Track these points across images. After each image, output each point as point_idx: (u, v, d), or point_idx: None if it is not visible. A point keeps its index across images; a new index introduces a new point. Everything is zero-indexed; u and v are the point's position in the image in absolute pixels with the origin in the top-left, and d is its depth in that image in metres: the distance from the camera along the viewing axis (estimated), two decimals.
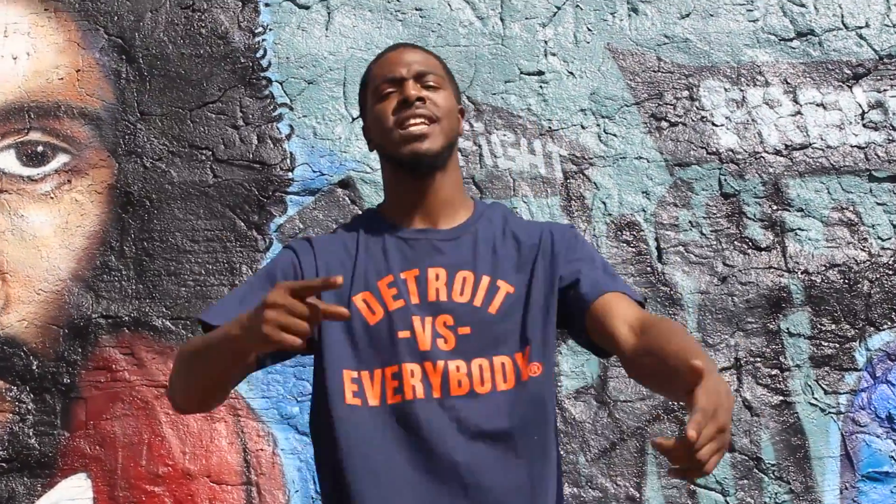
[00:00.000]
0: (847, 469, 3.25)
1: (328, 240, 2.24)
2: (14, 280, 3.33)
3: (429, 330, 2.08)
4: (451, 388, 2.04)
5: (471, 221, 2.21)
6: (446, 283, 2.13)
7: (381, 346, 2.07)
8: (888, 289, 3.34)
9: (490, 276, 2.14)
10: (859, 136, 3.40)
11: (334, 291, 2.06)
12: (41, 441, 3.24)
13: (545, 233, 2.22)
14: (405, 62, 2.19)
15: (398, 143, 2.12)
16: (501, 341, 2.10)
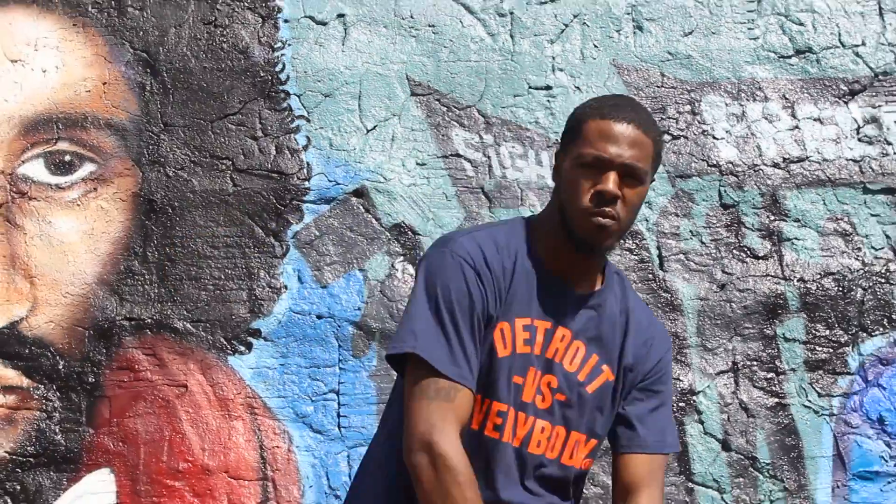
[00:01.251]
0: (839, 468, 3.30)
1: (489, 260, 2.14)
2: (42, 283, 3.38)
3: (536, 384, 2.12)
4: (530, 444, 2.10)
5: (603, 292, 2.21)
6: (565, 347, 2.15)
7: (501, 382, 2.10)
8: (880, 296, 3.38)
9: (598, 357, 2.17)
10: (854, 150, 3.44)
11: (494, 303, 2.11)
12: (67, 437, 3.31)
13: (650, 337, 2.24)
14: (622, 144, 2.08)
15: (582, 226, 2.09)
16: (585, 421, 2.16)
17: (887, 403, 3.35)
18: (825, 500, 3.30)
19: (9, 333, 3.36)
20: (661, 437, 2.21)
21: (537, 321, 2.14)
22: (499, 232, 2.24)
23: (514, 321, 2.12)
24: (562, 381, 2.14)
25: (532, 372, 2.12)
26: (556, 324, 2.15)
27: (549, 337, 2.13)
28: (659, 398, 2.24)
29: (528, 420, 2.11)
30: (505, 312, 2.13)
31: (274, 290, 3.38)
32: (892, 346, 3.38)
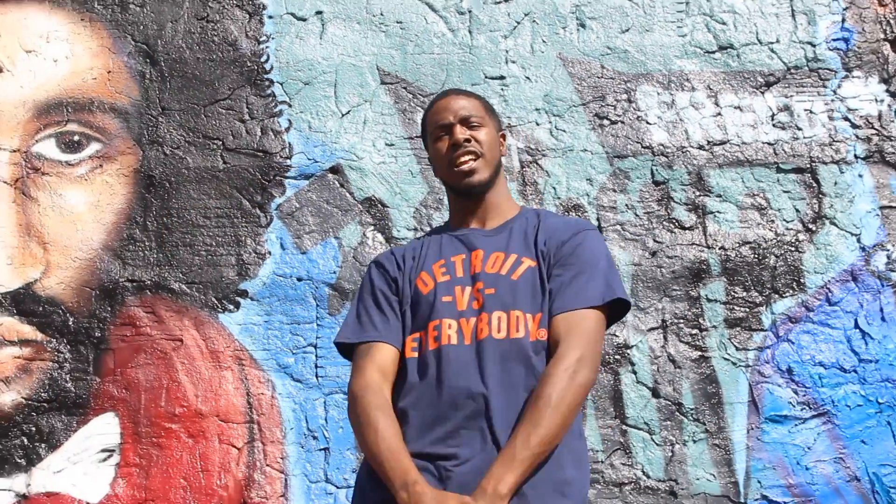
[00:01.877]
0: (753, 413, 3.35)
1: (404, 248, 2.42)
2: (54, 249, 3.43)
3: (467, 295, 2.25)
4: (478, 335, 2.19)
5: (511, 221, 2.38)
6: (482, 260, 2.29)
7: (427, 309, 2.25)
8: (791, 263, 3.44)
9: (517, 254, 2.30)
10: (769, 135, 3.50)
11: (407, 275, 2.34)
12: (76, 385, 3.36)
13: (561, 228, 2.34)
14: (452, 109, 2.37)
15: (455, 177, 2.35)
16: (520, 302, 2.23)
17: (795, 356, 3.40)
18: (741, 440, 3.34)
19: (24, 293, 3.39)
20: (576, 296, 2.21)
21: (453, 257, 2.31)
22: (421, 236, 2.51)
23: (430, 267, 2.31)
24: (488, 281, 2.24)
25: (459, 289, 2.25)
26: (469, 251, 2.31)
27: (467, 262, 2.29)
28: (574, 269, 2.25)
29: (469, 321, 2.21)
30: (420, 267, 2.33)
31: (259, 256, 3.43)
32: (800, 306, 3.42)
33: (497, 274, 2.27)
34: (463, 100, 2.40)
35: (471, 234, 2.37)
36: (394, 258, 2.40)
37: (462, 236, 2.37)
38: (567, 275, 2.26)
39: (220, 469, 3.33)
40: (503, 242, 2.34)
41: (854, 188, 3.48)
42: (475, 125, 2.36)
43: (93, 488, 3.33)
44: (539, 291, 2.26)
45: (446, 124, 2.36)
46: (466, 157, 2.32)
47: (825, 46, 3.55)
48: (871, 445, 3.36)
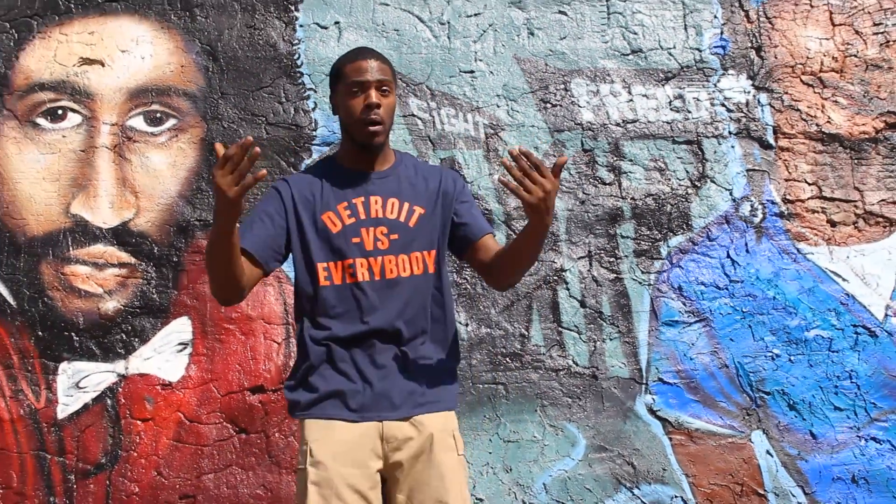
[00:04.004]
0: (653, 318, 3.39)
1: (300, 178, 2.27)
2: (143, 197, 3.42)
3: (371, 236, 2.19)
4: (385, 274, 2.17)
5: (395, 165, 2.28)
6: (382, 206, 2.22)
7: (341, 247, 2.16)
8: (682, 210, 3.45)
9: (409, 203, 2.24)
10: (667, 116, 3.49)
11: (308, 209, 2.19)
12: (160, 296, 3.36)
13: (444, 177, 2.30)
14: (371, 71, 2.18)
15: (361, 133, 2.19)
16: (417, 243, 2.21)
17: (684, 278, 3.41)
18: (644, 338, 3.37)
19: (122, 229, 3.38)
20: (483, 225, 2.30)
21: (354, 199, 2.20)
22: (312, 166, 2.35)
23: (335, 208, 2.20)
24: (390, 227, 2.19)
25: (364, 231, 2.18)
26: (367, 195, 2.21)
27: (366, 206, 2.20)
28: (469, 204, 2.30)
29: (377, 260, 2.16)
30: (325, 206, 2.20)
31: None
32: (688, 241, 3.43)
33: (396, 220, 2.20)
34: (379, 63, 2.21)
35: (365, 178, 2.24)
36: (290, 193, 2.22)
37: (359, 178, 2.24)
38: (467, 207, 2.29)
39: (265, 358, 3.33)
40: (395, 188, 2.24)
41: (728, 156, 3.47)
42: (385, 91, 2.19)
43: (172, 371, 3.35)
44: (431, 233, 2.23)
45: (364, 82, 2.17)
46: (375, 122, 2.16)
47: (708, 51, 3.53)
48: (736, 342, 3.38)
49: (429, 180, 2.28)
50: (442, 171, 2.34)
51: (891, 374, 3.35)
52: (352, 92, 2.18)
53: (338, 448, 2.08)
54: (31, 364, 3.32)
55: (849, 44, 3.55)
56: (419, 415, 2.13)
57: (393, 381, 2.14)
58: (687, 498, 3.32)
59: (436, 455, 2.11)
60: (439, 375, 2.20)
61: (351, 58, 2.22)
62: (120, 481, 3.27)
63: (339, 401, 2.14)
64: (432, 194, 2.25)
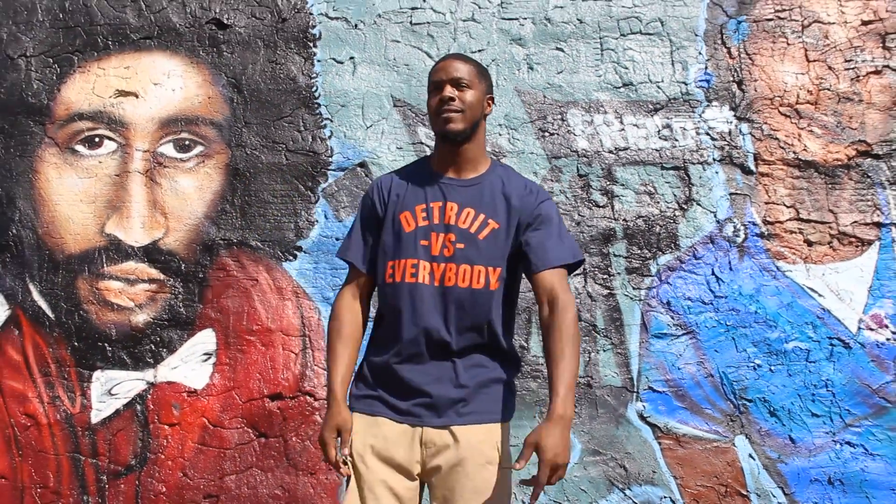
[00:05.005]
0: (643, 331, 3.30)
1: (390, 179, 2.13)
2: (171, 217, 3.34)
3: (440, 242, 2.02)
4: (444, 281, 2.00)
5: (484, 176, 2.08)
6: (456, 214, 2.03)
7: (410, 247, 2.03)
8: (670, 231, 3.34)
9: (485, 215, 2.03)
10: (656, 144, 3.40)
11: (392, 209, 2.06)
12: (187, 310, 3.29)
13: (528, 198, 2.06)
14: (447, 70, 2.04)
15: (438, 124, 2.04)
16: (484, 258, 2.01)
17: (672, 293, 3.31)
18: (635, 349, 3.27)
19: (152, 247, 3.31)
20: (557, 256, 2.00)
21: (432, 203, 2.05)
22: (404, 168, 2.19)
23: (413, 208, 2.05)
24: (458, 235, 2.01)
25: (434, 235, 2.02)
26: (445, 201, 2.04)
27: (442, 211, 2.03)
28: (545, 230, 2.03)
29: (439, 266, 2.00)
30: (404, 206, 2.06)
31: (310, 223, 3.33)
32: (676, 259, 3.33)
33: (467, 230, 2.02)
34: (458, 63, 2.06)
35: (449, 183, 2.08)
36: (381, 194, 2.12)
37: (442, 184, 2.08)
38: (543, 234, 2.03)
39: (283, 367, 3.25)
40: (476, 198, 2.05)
41: (712, 181, 3.38)
42: (464, 86, 2.03)
43: (197, 379, 3.27)
44: (500, 250, 2.02)
45: (439, 82, 2.05)
46: (449, 112, 2.01)
47: (694, 85, 3.44)
48: (720, 353, 3.29)
49: (512, 198, 2.07)
50: (530, 190, 2.09)
51: (864, 382, 3.27)
52: (430, 92, 2.09)
53: (378, 443, 1.97)
54: (68, 372, 3.27)
55: (822, 78, 3.48)
56: (460, 425, 1.96)
57: (440, 389, 1.98)
58: (675, 498, 3.24)
59: (471, 467, 1.94)
60: (489, 387, 2.02)
61: (436, 63, 2.13)
62: (148, 481, 3.22)
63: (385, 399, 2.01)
64: (513, 211, 2.05)
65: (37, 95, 3.43)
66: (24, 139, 3.41)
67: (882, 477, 3.22)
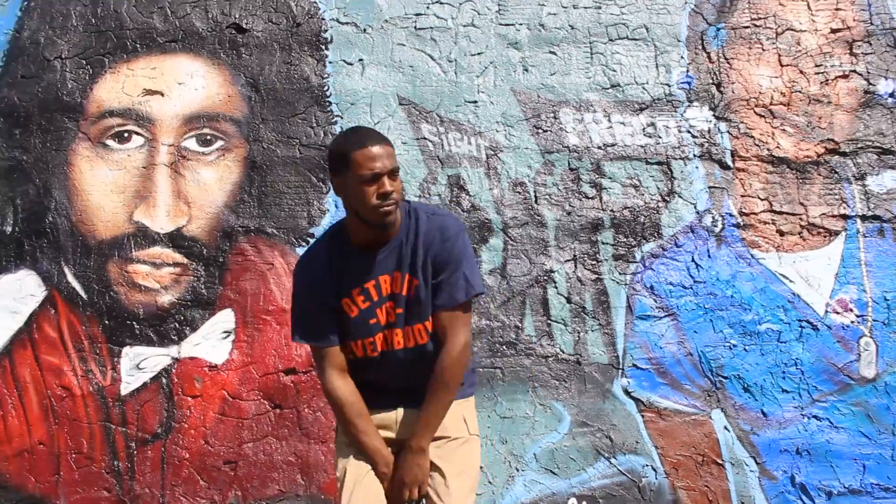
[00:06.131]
0: (629, 313, 3.21)
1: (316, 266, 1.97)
2: (194, 206, 3.25)
3: (384, 313, 1.95)
4: (394, 345, 1.96)
5: (399, 234, 1.95)
6: (389, 282, 1.95)
7: (360, 328, 1.95)
8: (653, 220, 3.25)
9: (409, 273, 1.94)
10: (641, 141, 3.30)
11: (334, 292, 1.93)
12: (208, 291, 3.20)
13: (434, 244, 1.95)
14: (382, 160, 1.84)
15: (376, 218, 1.87)
16: (416, 315, 1.96)
17: (655, 278, 3.23)
18: (621, 330, 3.20)
19: (176, 234, 3.22)
20: (451, 295, 1.94)
21: (366, 284, 1.93)
22: (322, 246, 2.01)
23: (351, 294, 1.94)
24: (396, 301, 1.93)
25: (380, 311, 1.93)
26: (377, 277, 1.92)
27: (378, 287, 1.93)
28: (446, 272, 1.95)
29: (389, 334, 1.94)
30: (341, 293, 1.93)
31: (321, 212, 3.24)
32: (658, 247, 3.25)
33: (399, 294, 1.93)
34: (388, 149, 1.87)
35: (373, 257, 1.94)
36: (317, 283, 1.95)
37: (368, 261, 1.94)
38: (443, 276, 1.94)
39: (296, 344, 3.15)
40: (396, 261, 1.95)
41: (693, 175, 3.28)
42: (396, 175, 1.88)
43: (218, 355, 3.19)
44: (425, 302, 1.95)
45: (378, 174, 1.83)
46: (391, 208, 1.85)
47: (676, 87, 3.34)
48: (699, 334, 3.21)
49: (421, 250, 1.96)
50: (442, 231, 1.96)
51: (830, 361, 3.21)
52: (364, 180, 1.84)
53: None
54: (99, 348, 3.21)
55: (794, 81, 3.38)
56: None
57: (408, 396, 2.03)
58: (656, 467, 3.17)
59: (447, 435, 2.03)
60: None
61: (359, 143, 1.87)
62: (173, 448, 3.16)
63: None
64: (426, 265, 1.96)
65: (71, 94, 3.35)
66: (60, 135, 3.32)
67: (845, 448, 3.16)
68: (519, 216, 3.24)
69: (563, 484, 3.13)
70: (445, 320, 1.95)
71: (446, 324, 1.95)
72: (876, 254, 3.25)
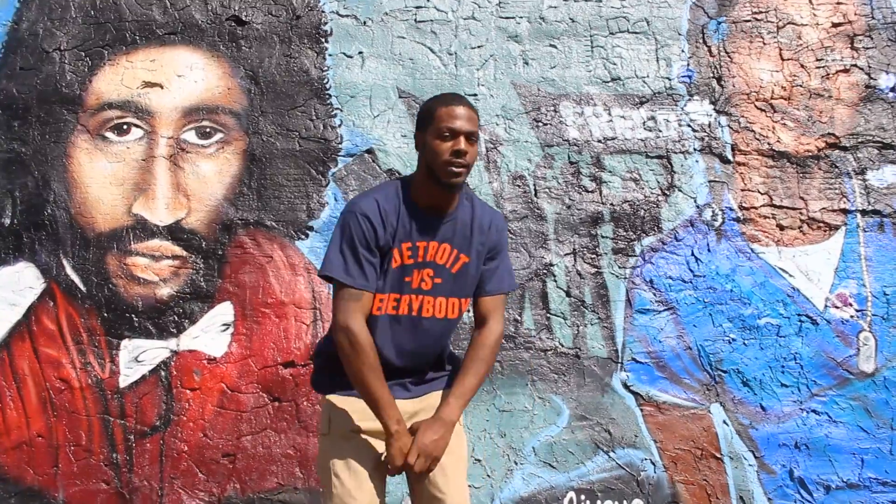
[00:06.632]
0: (628, 307, 3.21)
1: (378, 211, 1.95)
2: (193, 199, 3.24)
3: (419, 277, 1.97)
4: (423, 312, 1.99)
5: (456, 210, 2.00)
6: (435, 251, 1.98)
7: (394, 283, 1.96)
8: (653, 214, 3.24)
9: (458, 250, 2.00)
10: (641, 134, 3.30)
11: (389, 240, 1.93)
12: (207, 283, 3.19)
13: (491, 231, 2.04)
14: (463, 119, 1.90)
15: (445, 174, 1.91)
16: (458, 290, 2.01)
17: (655, 272, 3.22)
18: (620, 323, 3.19)
19: (175, 226, 3.21)
20: (499, 284, 2.06)
21: (418, 242, 1.96)
22: (384, 193, 1.99)
23: (400, 246, 1.95)
24: (436, 270, 1.97)
25: (416, 273, 1.95)
26: (428, 240, 1.96)
27: (426, 249, 1.96)
28: (496, 261, 2.06)
29: (418, 298, 1.97)
30: (394, 242, 1.94)
31: (321, 204, 3.23)
32: (658, 241, 3.24)
33: (443, 266, 1.98)
34: (473, 114, 1.94)
35: (430, 220, 1.97)
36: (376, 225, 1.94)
37: (425, 221, 1.97)
38: (493, 264, 2.05)
39: (295, 337, 3.17)
40: (450, 233, 1.99)
41: (693, 169, 3.28)
42: (474, 140, 1.92)
43: (217, 348, 3.18)
44: (469, 281, 2.02)
45: (456, 131, 1.89)
46: (460, 168, 1.90)
47: (677, 80, 3.33)
48: (698, 328, 3.21)
49: (478, 232, 2.04)
50: (493, 221, 2.08)
51: (829, 356, 3.21)
52: (442, 136, 1.91)
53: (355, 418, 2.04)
54: (98, 341, 3.19)
55: (795, 76, 3.38)
56: (424, 394, 2.09)
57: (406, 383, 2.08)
58: (655, 460, 3.17)
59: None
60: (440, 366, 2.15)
61: (446, 101, 1.95)
62: (172, 441, 3.15)
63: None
64: (479, 245, 2.04)
65: (70, 86, 3.33)
66: (59, 127, 3.31)
67: (844, 442, 3.17)
68: (518, 209, 3.24)
69: (562, 477, 3.13)
70: (490, 304, 2.06)
71: (491, 307, 2.06)
72: (876, 248, 3.25)
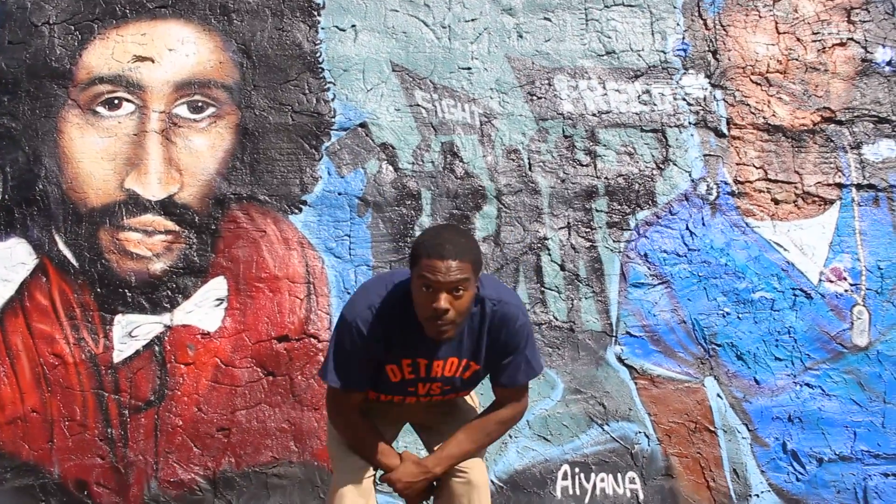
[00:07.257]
0: (622, 281, 3.22)
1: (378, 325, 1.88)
2: (186, 173, 3.23)
3: (426, 388, 1.98)
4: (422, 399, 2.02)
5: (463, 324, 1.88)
6: (442, 367, 1.94)
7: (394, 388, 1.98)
8: (648, 188, 3.25)
9: (467, 360, 1.96)
10: (636, 108, 3.29)
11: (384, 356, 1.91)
12: (200, 258, 3.18)
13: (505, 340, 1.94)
14: (444, 273, 1.74)
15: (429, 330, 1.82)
16: (469, 385, 2.05)
17: (649, 246, 3.23)
18: (614, 297, 3.20)
19: (168, 201, 3.20)
20: (513, 378, 1.97)
21: (419, 359, 1.92)
22: (387, 302, 1.88)
23: (400, 362, 1.93)
24: (443, 383, 1.98)
25: (421, 385, 1.96)
26: (431, 358, 1.91)
27: (428, 367, 1.92)
28: (511, 357, 1.96)
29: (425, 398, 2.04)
30: (391, 358, 1.92)
31: (314, 179, 3.22)
32: (653, 215, 3.25)
33: (452, 377, 1.96)
34: (458, 262, 1.74)
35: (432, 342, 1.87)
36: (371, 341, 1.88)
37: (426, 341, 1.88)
38: (506, 361, 1.96)
39: (289, 312, 3.17)
40: (456, 347, 1.92)
41: (688, 143, 3.28)
42: (460, 292, 1.76)
43: (210, 323, 3.18)
44: (478, 380, 2.04)
45: (435, 284, 1.74)
46: (445, 326, 1.78)
47: (672, 54, 3.32)
48: (693, 302, 3.22)
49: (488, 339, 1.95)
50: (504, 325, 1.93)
51: (823, 330, 3.23)
52: (425, 287, 1.77)
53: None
54: (91, 316, 3.19)
55: (791, 49, 3.37)
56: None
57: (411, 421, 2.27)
58: (649, 434, 3.19)
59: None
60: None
61: (429, 251, 1.77)
62: (166, 416, 3.16)
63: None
64: (491, 352, 1.96)
65: (60, 60, 3.30)
66: (49, 101, 3.29)
67: (837, 415, 3.19)
68: (513, 183, 3.24)
69: (556, 450, 3.15)
70: (506, 393, 2.03)
71: (507, 396, 2.03)
72: (870, 223, 3.27)
